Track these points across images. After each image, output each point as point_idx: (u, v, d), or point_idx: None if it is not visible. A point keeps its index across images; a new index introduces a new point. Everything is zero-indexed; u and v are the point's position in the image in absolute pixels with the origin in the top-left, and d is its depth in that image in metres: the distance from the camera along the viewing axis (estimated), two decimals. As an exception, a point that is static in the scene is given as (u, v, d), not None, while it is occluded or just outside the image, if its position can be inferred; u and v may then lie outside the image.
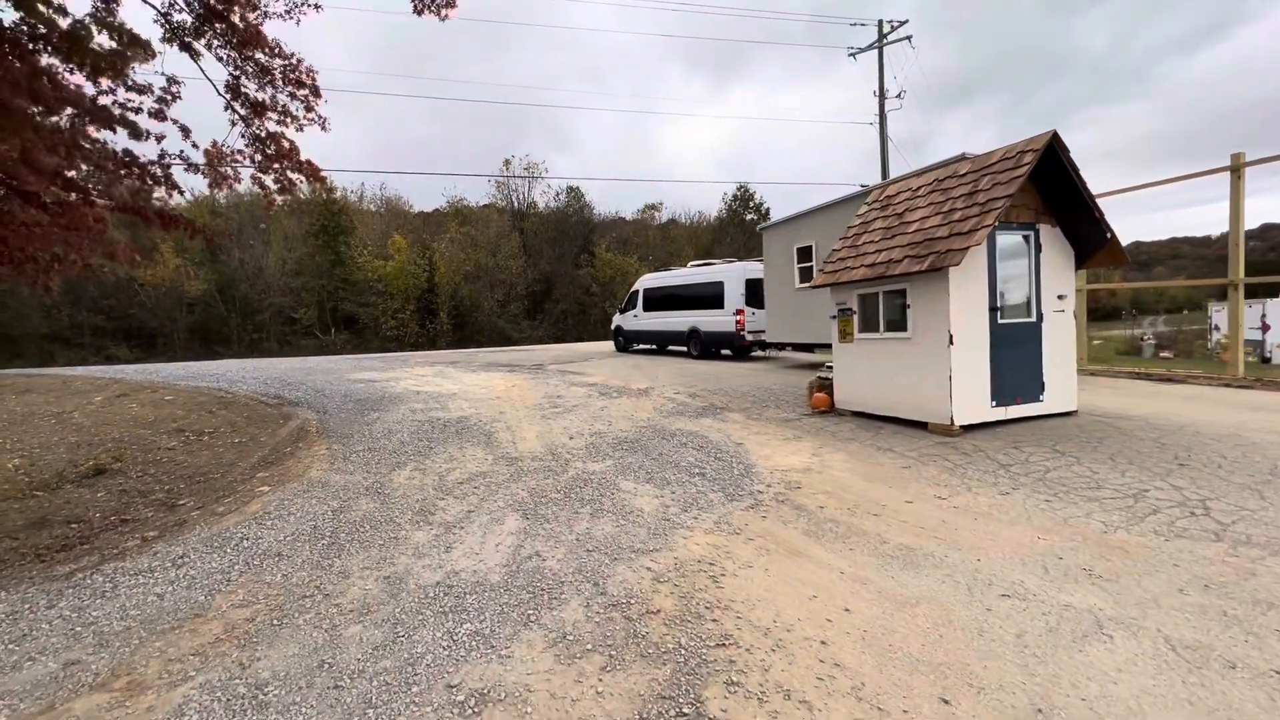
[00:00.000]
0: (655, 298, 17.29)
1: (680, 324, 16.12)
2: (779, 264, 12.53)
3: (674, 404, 8.19)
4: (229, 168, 8.04)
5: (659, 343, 17.65)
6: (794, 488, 4.48)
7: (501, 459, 5.72)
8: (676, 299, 16.35)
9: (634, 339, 18.49)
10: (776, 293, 12.70)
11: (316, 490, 5.03)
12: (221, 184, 8.09)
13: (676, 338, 16.45)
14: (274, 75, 7.91)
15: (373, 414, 8.44)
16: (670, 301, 16.61)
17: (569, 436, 6.49)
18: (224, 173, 8.02)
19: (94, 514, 5.55)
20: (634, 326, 18.27)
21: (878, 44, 21.20)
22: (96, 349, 28.47)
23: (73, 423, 9.72)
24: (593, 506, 4.27)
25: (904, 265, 5.68)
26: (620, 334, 19.07)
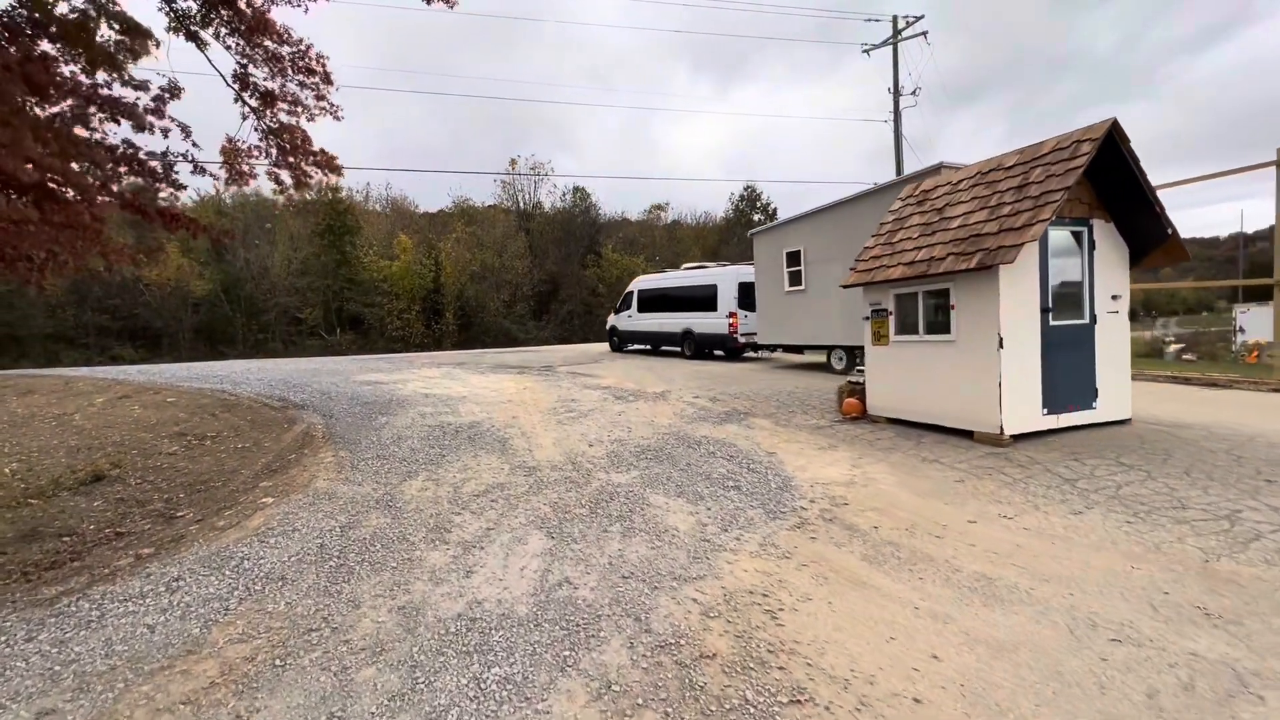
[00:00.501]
0: (650, 299, 17.57)
1: (674, 325, 16.37)
2: (769, 268, 12.69)
3: (695, 409, 7.83)
4: (245, 164, 7.77)
5: (653, 343, 17.89)
6: (840, 504, 4.12)
7: (519, 468, 5.38)
8: (671, 301, 16.62)
9: (628, 339, 18.77)
10: (767, 296, 12.93)
11: (323, 503, 4.70)
12: (239, 181, 7.81)
13: (670, 338, 16.70)
14: (283, 63, 7.61)
15: (381, 418, 8.11)
16: (665, 303, 16.88)
17: (588, 444, 6.15)
18: (241, 170, 7.74)
19: (88, 526, 5.25)
20: (628, 327, 18.54)
21: (892, 40, 20.81)
22: (101, 349, 28.30)
23: (73, 425, 9.44)
24: (623, 524, 3.92)
25: (948, 263, 5.32)
26: (615, 334, 19.32)
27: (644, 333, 17.93)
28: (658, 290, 17.38)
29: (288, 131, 7.84)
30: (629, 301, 18.51)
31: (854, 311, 10.21)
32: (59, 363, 25.08)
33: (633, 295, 18.39)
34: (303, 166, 7.97)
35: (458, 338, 33.71)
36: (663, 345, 17.66)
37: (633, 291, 18.48)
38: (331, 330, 32.34)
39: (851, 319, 10.67)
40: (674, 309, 16.47)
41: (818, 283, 11.55)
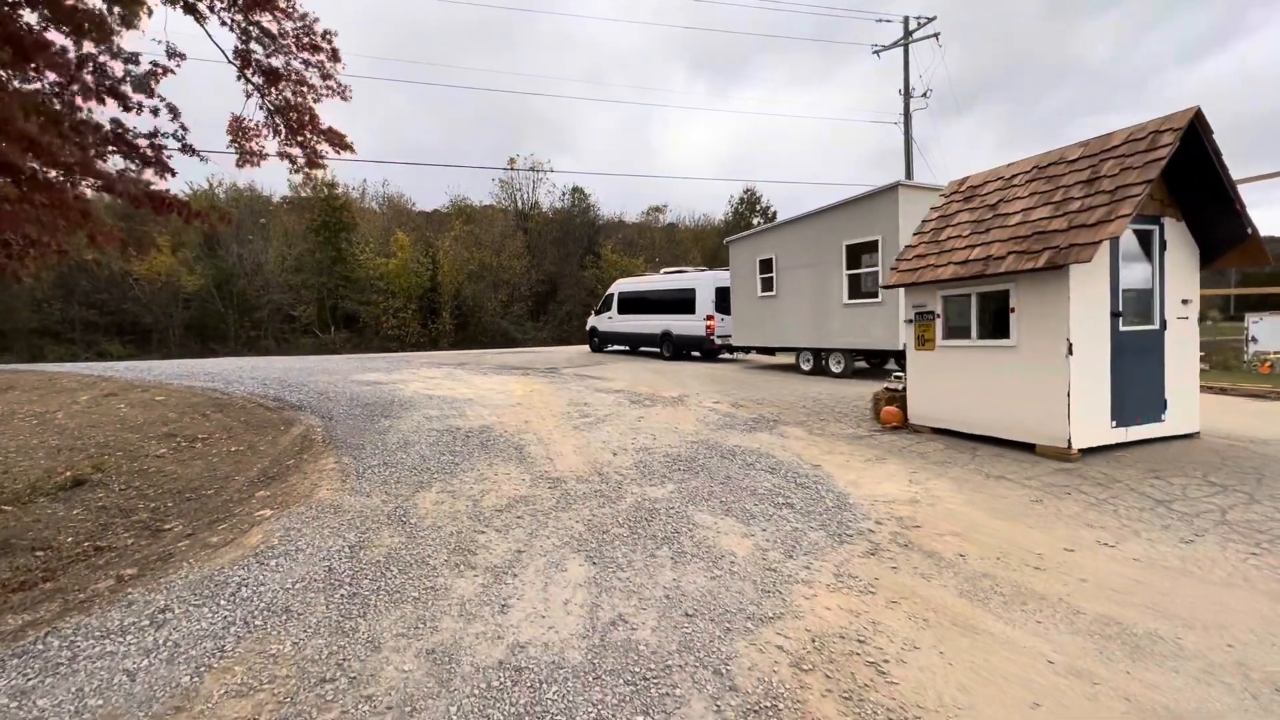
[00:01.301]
0: (630, 301, 18.04)
1: (654, 327, 16.85)
2: (743, 274, 13.25)
3: (718, 415, 7.41)
4: (255, 142, 7.29)
5: (632, 344, 18.40)
6: (910, 526, 3.70)
7: (541, 479, 4.93)
8: (651, 303, 17.12)
9: (608, 340, 19.28)
10: (741, 300, 13.48)
11: (328, 516, 4.23)
12: (249, 161, 7.33)
13: (650, 339, 17.21)
14: (287, 39, 7.14)
15: (384, 421, 7.64)
16: (644, 305, 17.37)
17: (612, 452, 5.70)
18: (250, 149, 7.26)
19: (65, 538, 4.75)
20: (609, 328, 19.03)
21: (903, 41, 20.53)
22: (88, 345, 27.55)
23: (55, 424, 8.90)
24: (671, 547, 3.48)
25: (1009, 263, 4.92)
26: (595, 335, 19.77)
27: (624, 334, 18.36)
28: (638, 293, 17.86)
29: (294, 109, 7.38)
30: (609, 304, 18.93)
31: (820, 316, 11.22)
32: (44, 358, 24.36)
33: (613, 297, 18.83)
34: (313, 144, 7.52)
35: (454, 338, 33.15)
36: (641, 346, 18.15)
37: (613, 294, 18.93)
38: (326, 328, 31.70)
39: (818, 323, 11.30)
40: (653, 311, 16.93)
41: (788, 288, 12.02)
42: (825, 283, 11.03)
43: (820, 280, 11.15)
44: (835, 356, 11.16)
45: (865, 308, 10.22)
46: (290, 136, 7.44)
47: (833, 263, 10.73)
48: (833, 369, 11.23)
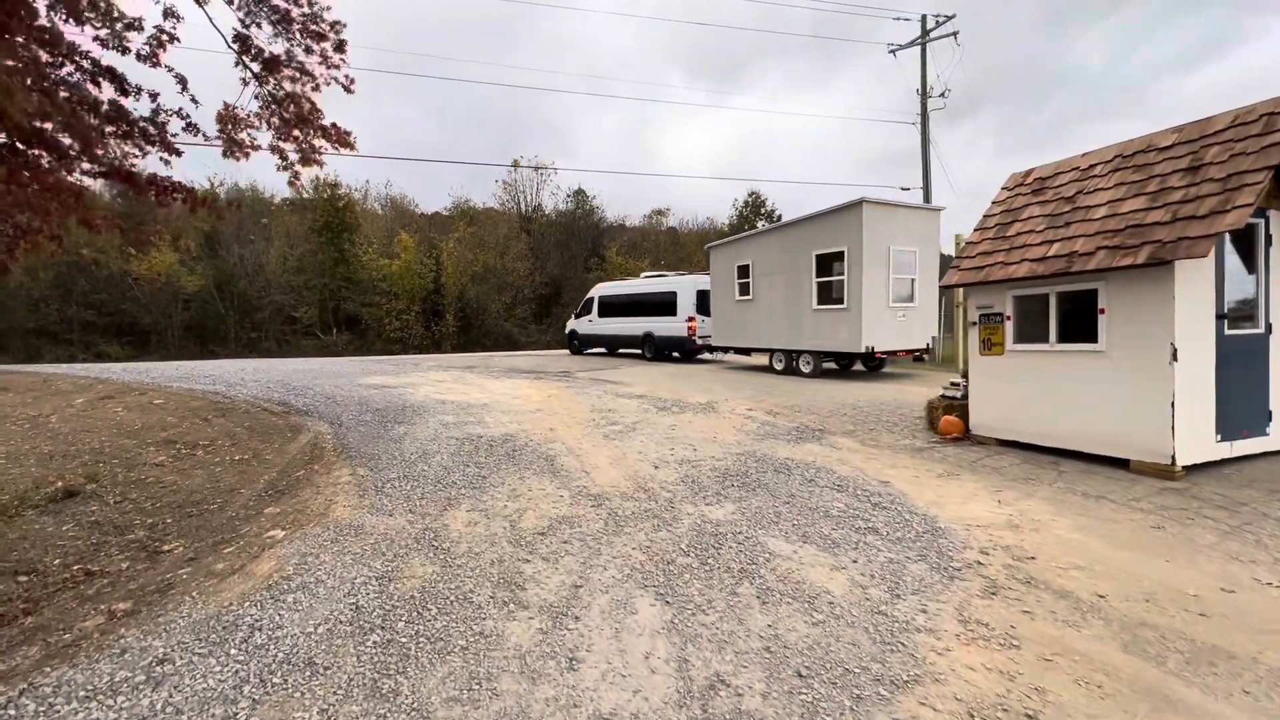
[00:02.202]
0: (610, 305, 18.46)
1: (635, 329, 17.31)
2: (723, 279, 13.87)
3: (756, 423, 6.93)
4: (245, 133, 6.79)
5: (613, 346, 18.90)
6: (1023, 557, 3.21)
7: (581, 496, 4.44)
8: (632, 306, 17.53)
9: (589, 343, 19.61)
10: (721, 303, 14.11)
11: (348, 539, 3.74)
12: (236, 152, 6.83)
13: (631, 341, 17.66)
14: (292, 25, 6.67)
15: (397, 427, 7.15)
16: (625, 309, 17.78)
17: (653, 465, 5.22)
18: (238, 139, 6.76)
19: (52, 559, 4.26)
20: (589, 331, 19.32)
21: (921, 40, 20.13)
22: (86, 345, 27.04)
23: (48, 429, 8.41)
24: (753, 583, 3.00)
25: (1099, 259, 4.45)
26: (575, 338, 20.04)
27: (604, 336, 18.77)
28: (618, 297, 18.29)
29: (293, 100, 6.89)
30: (589, 307, 19.26)
31: (792, 320, 11.81)
32: (40, 359, 23.85)
33: (593, 301, 19.13)
34: (310, 140, 7.02)
35: (458, 340, 32.66)
36: (621, 348, 18.65)
37: (593, 298, 19.22)
38: (328, 330, 31.21)
39: (790, 326, 11.89)
40: (634, 314, 17.37)
41: (763, 293, 12.64)
42: (797, 289, 11.60)
43: (793, 286, 11.72)
44: (805, 358, 11.73)
45: (833, 313, 10.78)
46: (286, 130, 6.95)
47: (804, 270, 11.30)
48: (802, 369, 11.78)
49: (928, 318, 11.10)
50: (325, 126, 7.00)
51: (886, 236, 10.27)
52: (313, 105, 6.90)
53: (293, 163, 7.17)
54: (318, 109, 6.95)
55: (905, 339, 10.78)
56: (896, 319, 10.56)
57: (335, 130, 7.08)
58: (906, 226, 10.59)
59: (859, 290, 10.12)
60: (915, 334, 10.92)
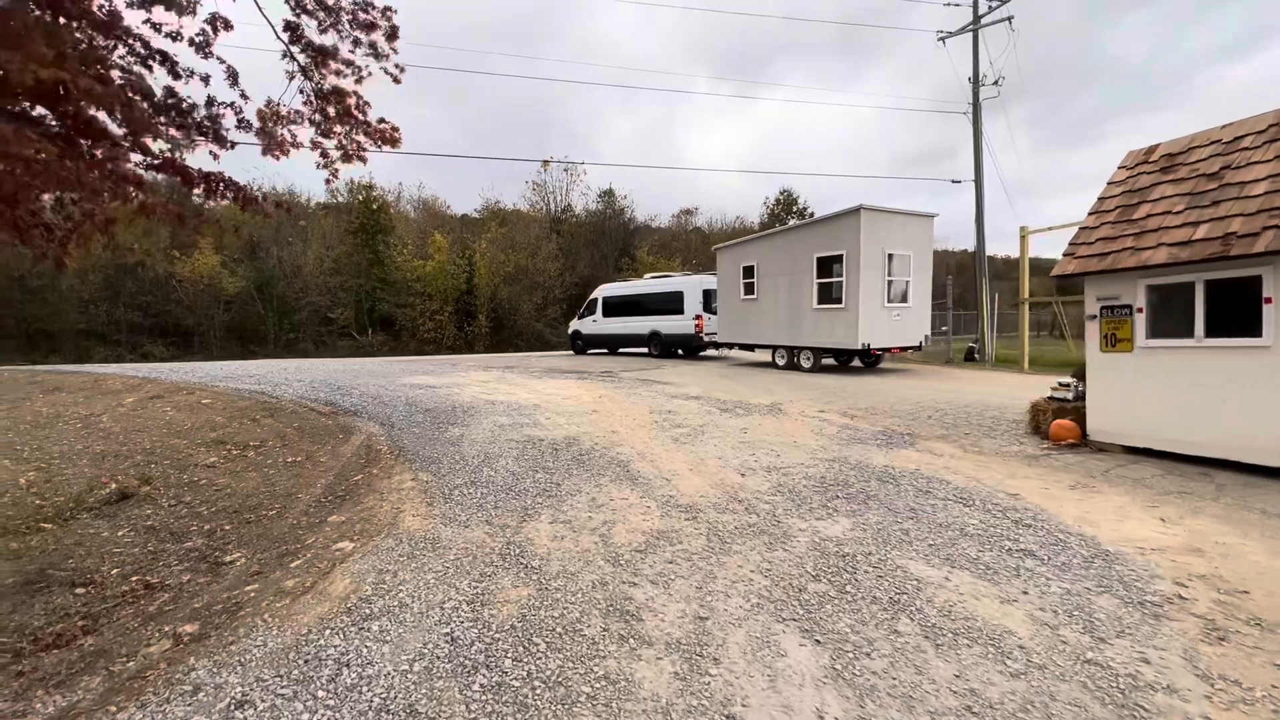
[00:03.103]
0: (615, 305, 18.94)
1: (641, 328, 17.78)
2: (729, 278, 14.46)
3: (834, 426, 6.42)
4: (286, 130, 6.54)
5: (617, 345, 19.34)
6: (1232, 590, 2.68)
7: (671, 507, 4.02)
8: (637, 306, 18.07)
9: (592, 342, 20.00)
10: (727, 302, 14.69)
11: (425, 554, 3.38)
12: (277, 150, 6.59)
13: (636, 340, 18.12)
14: (342, 15, 6.42)
15: (452, 429, 6.84)
16: (631, 308, 18.30)
17: (739, 473, 4.77)
18: (279, 136, 6.52)
19: (109, 569, 4.00)
20: (593, 331, 19.73)
21: (972, 26, 19.27)
22: (133, 346, 27.68)
23: (100, 428, 8.34)
24: (912, 618, 2.53)
25: (1267, 239, 3.86)
26: (579, 338, 20.40)
27: (609, 335, 19.21)
28: (624, 297, 18.81)
29: (338, 94, 6.62)
30: (593, 308, 19.71)
31: (794, 318, 12.45)
32: (90, 359, 24.46)
33: (597, 302, 19.58)
34: (353, 136, 6.74)
35: (490, 340, 32.62)
36: (625, 347, 19.14)
37: (597, 299, 19.65)
38: (363, 330, 31.46)
39: (792, 324, 12.52)
40: (640, 313, 17.87)
41: (767, 293, 13.26)
42: (799, 289, 12.19)
43: (794, 287, 12.31)
44: (805, 353, 12.35)
45: (832, 312, 11.40)
46: (329, 125, 6.67)
47: (805, 272, 11.92)
48: (803, 365, 12.41)
49: (921, 317, 11.80)
50: (370, 122, 6.73)
51: (883, 241, 10.89)
52: (359, 99, 6.63)
53: (334, 160, 6.91)
54: (365, 103, 6.69)
55: (899, 337, 11.45)
56: (891, 318, 11.20)
57: (382, 126, 6.81)
58: (902, 232, 11.23)
59: (856, 291, 10.76)
60: (909, 332, 11.58)
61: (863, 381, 10.66)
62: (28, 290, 25.69)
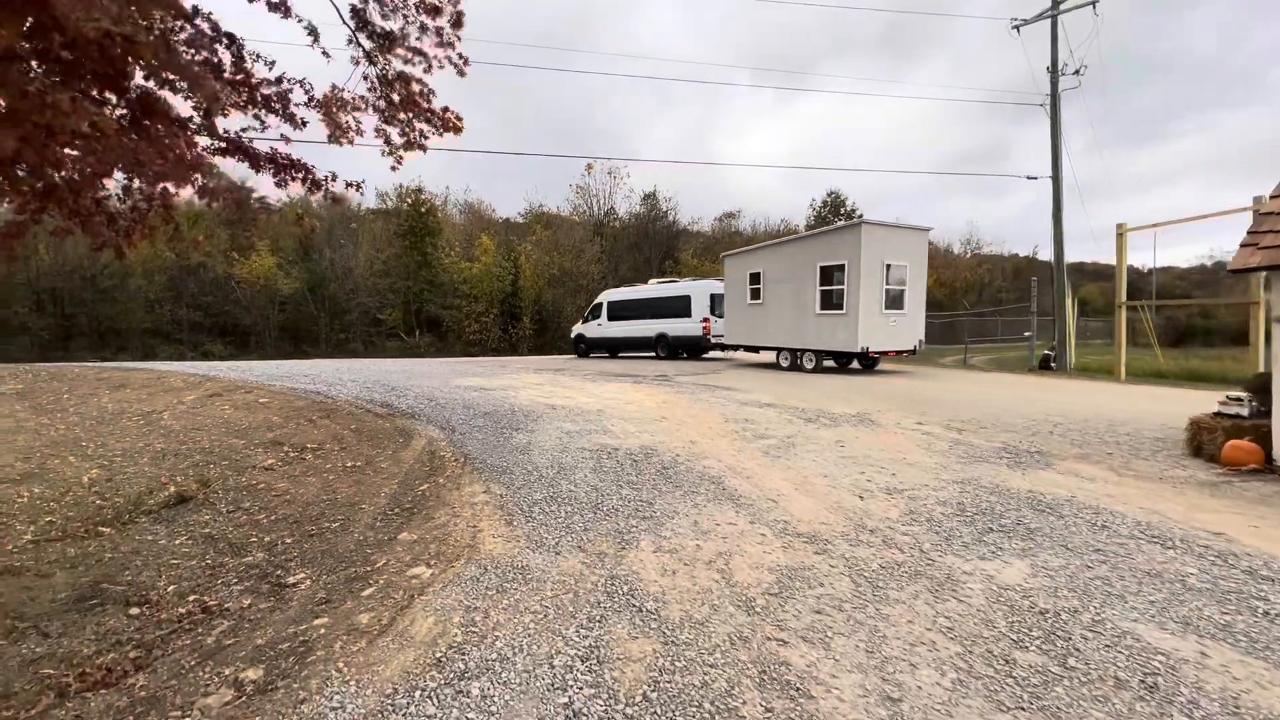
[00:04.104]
0: (620, 309, 19.64)
1: (648, 330, 18.57)
2: (736, 284, 15.41)
3: (944, 441, 5.69)
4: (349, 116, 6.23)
5: (621, 348, 19.97)
6: None
7: (788, 535, 3.42)
8: (643, 310, 18.83)
9: (595, 345, 20.59)
10: (734, 306, 15.61)
11: (516, 587, 2.87)
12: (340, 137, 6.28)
13: (642, 343, 18.85)
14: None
15: (516, 435, 6.39)
16: (636, 312, 19.04)
17: (855, 495, 4.13)
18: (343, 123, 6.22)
19: (166, 584, 3.64)
20: (597, 334, 20.35)
21: (1051, 13, 18.01)
22: (194, 345, 28.64)
23: (161, 426, 8.24)
24: (1189, 714, 1.87)
25: None
26: (582, 341, 21.00)
27: (614, 338, 19.90)
28: (629, 301, 19.51)
29: (402, 81, 6.28)
30: (598, 312, 20.31)
31: (798, 322, 13.22)
32: (155, 356, 25.35)
33: (602, 306, 20.21)
34: (416, 124, 6.39)
35: (534, 342, 32.55)
36: (629, 350, 19.75)
37: (602, 303, 20.29)
38: (410, 332, 31.81)
39: (796, 328, 13.29)
40: (646, 317, 18.61)
41: (772, 298, 14.09)
42: (802, 295, 12.97)
43: (798, 293, 13.10)
44: (808, 355, 13.17)
45: (832, 317, 12.21)
46: (393, 112, 6.34)
47: (808, 279, 12.72)
48: (805, 366, 13.24)
49: (916, 322, 12.46)
50: (434, 110, 6.37)
51: (881, 253, 11.66)
52: (423, 87, 6.29)
53: (397, 147, 6.59)
54: (429, 90, 6.34)
55: (895, 341, 12.16)
56: (888, 323, 11.91)
57: (445, 113, 6.44)
58: (899, 244, 12.03)
59: (856, 298, 11.52)
60: (904, 336, 12.27)
61: (942, 388, 9.80)
62: (99, 290, 26.86)
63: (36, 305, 26.16)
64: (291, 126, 5.00)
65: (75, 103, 3.02)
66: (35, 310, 26.10)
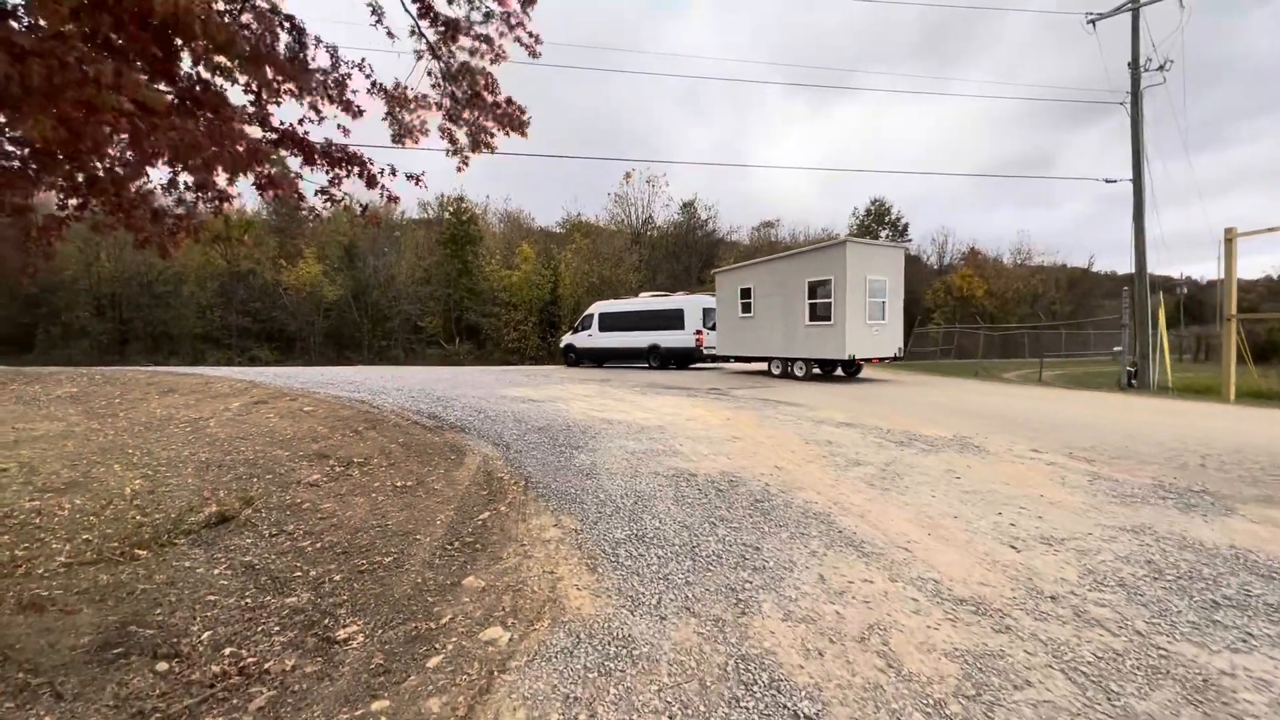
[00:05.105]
0: (612, 320, 20.07)
1: (640, 341, 19.06)
2: (727, 298, 16.24)
3: (1078, 474, 4.87)
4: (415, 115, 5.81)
5: (610, 358, 20.29)
6: None
7: (944, 601, 2.72)
8: (636, 321, 19.30)
9: (585, 355, 20.91)
10: (725, 319, 16.42)
11: (621, 667, 2.25)
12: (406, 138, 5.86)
13: (633, 353, 19.36)
14: (472, -22, 5.63)
15: (578, 455, 5.82)
16: (629, 324, 19.50)
17: (1007, 545, 3.39)
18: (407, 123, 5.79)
19: (200, 630, 3.13)
20: (588, 344, 20.72)
21: (1130, 6, 16.81)
22: (241, 350, 29.22)
23: (207, 434, 7.95)
24: None
25: None
26: (571, 350, 21.37)
27: (604, 348, 20.26)
28: (621, 313, 19.97)
29: (468, 74, 5.81)
30: (588, 323, 20.72)
31: (788, 333, 14.14)
32: (204, 361, 25.88)
33: (593, 317, 20.62)
34: (482, 122, 5.91)
35: (572, 352, 32.21)
36: (619, 360, 20.06)
37: (593, 314, 20.71)
38: (450, 339, 31.87)
39: (786, 339, 14.22)
40: (639, 328, 19.13)
41: (763, 311, 14.97)
42: (792, 308, 13.91)
43: (788, 306, 14.02)
44: (799, 364, 14.09)
45: (821, 327, 13.17)
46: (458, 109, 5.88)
47: (798, 293, 13.68)
48: (796, 374, 14.16)
49: (895, 331, 13.53)
50: (500, 103, 5.88)
51: (864, 269, 12.72)
52: (490, 79, 5.82)
53: (463, 147, 6.12)
54: (495, 83, 5.86)
55: (879, 349, 13.22)
56: (872, 333, 12.95)
57: (511, 108, 5.95)
58: (880, 260, 13.27)
59: (843, 310, 12.51)
60: (885, 344, 13.38)
61: (1030, 408, 8.85)
62: (155, 296, 27.66)
63: (97, 310, 27.08)
64: (349, 115, 4.57)
65: (120, 76, 2.58)
66: (96, 315, 27.01)
